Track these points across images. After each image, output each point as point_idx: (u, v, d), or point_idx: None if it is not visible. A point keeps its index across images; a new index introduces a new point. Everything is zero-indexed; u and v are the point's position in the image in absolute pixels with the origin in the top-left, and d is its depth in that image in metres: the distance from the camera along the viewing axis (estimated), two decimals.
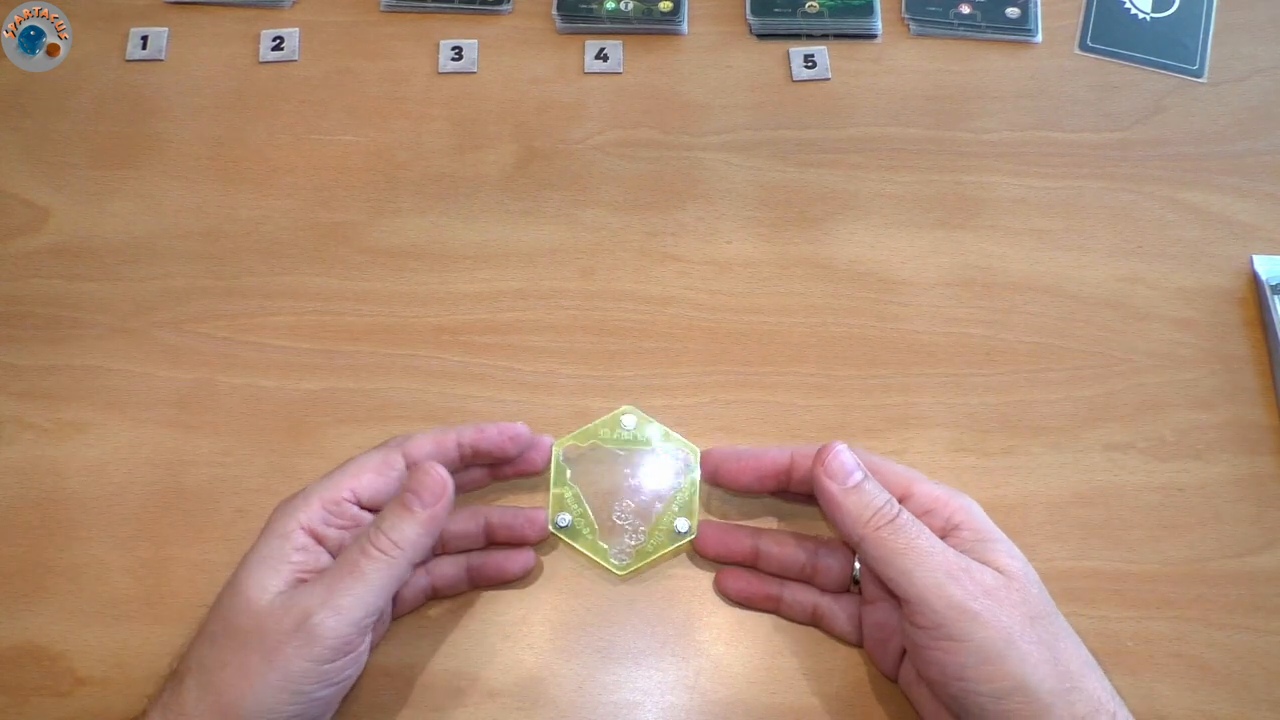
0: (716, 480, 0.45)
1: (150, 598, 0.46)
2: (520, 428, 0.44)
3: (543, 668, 0.44)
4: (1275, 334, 0.50)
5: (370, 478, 0.41)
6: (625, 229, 0.55)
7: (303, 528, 0.40)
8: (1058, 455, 0.49)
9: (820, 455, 0.41)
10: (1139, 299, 0.52)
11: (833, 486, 0.40)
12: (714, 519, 0.47)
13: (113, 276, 0.54)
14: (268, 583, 0.38)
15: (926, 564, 0.37)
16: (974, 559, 0.38)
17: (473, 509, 0.46)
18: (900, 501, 0.40)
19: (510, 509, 0.46)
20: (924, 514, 0.40)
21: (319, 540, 0.40)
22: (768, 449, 0.44)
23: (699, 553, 0.46)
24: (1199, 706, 0.44)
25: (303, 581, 0.39)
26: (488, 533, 0.45)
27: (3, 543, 0.47)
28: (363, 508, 0.41)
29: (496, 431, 0.44)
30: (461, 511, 0.45)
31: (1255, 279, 0.52)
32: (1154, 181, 0.55)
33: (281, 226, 0.55)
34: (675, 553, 0.46)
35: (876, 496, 0.39)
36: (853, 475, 0.40)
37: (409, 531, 0.39)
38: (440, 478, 0.40)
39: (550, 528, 0.45)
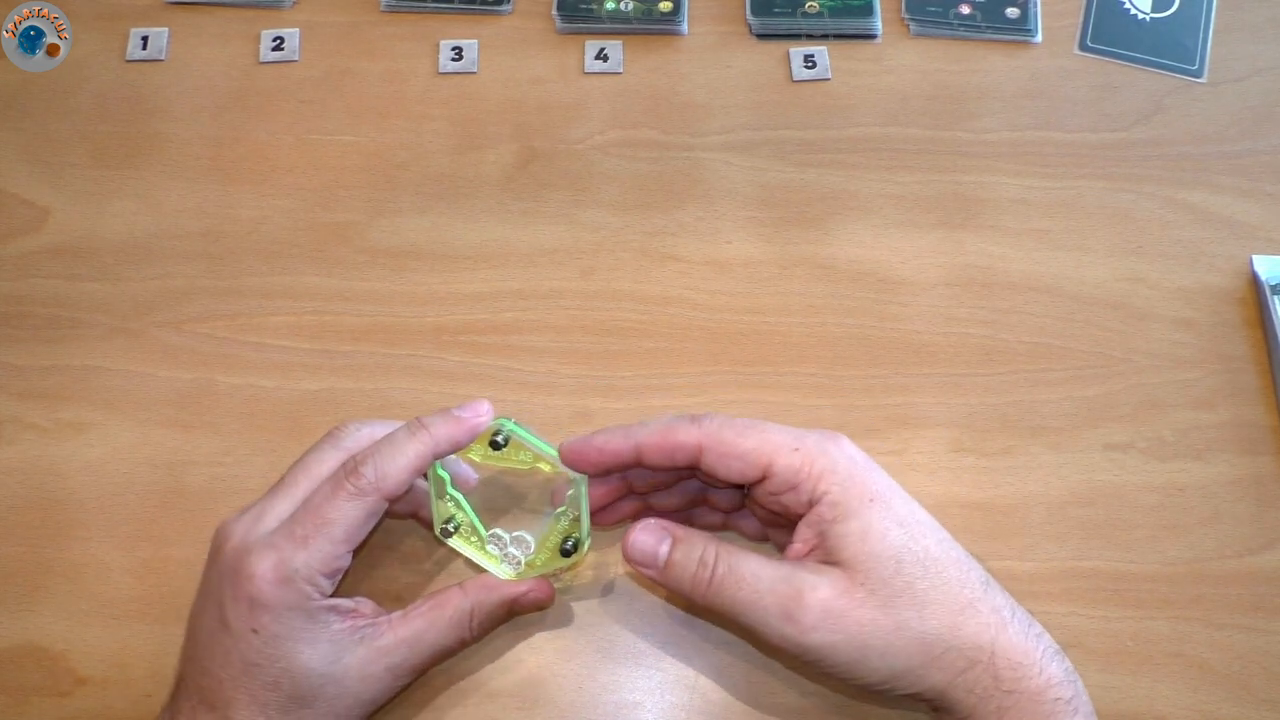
0: (575, 468, 0.42)
1: (150, 598, 0.46)
2: (478, 412, 0.42)
3: (543, 668, 0.44)
4: (1275, 334, 0.50)
5: (361, 531, 0.40)
6: (625, 229, 0.55)
7: (321, 604, 0.39)
8: (1057, 455, 0.49)
9: (623, 547, 0.40)
10: (1139, 299, 0.52)
11: (650, 572, 0.39)
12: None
13: (113, 276, 0.54)
14: (341, 656, 0.39)
15: (756, 611, 0.36)
16: (826, 545, 0.37)
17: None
18: (760, 482, 0.39)
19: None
20: (788, 491, 0.38)
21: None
22: (610, 439, 0.40)
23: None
24: (1199, 706, 0.44)
25: (355, 628, 0.39)
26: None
27: (3, 543, 0.47)
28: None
29: (467, 435, 0.41)
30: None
31: (1255, 279, 0.52)
32: (1154, 181, 0.55)
33: (281, 226, 0.55)
34: (569, 567, 0.44)
35: (687, 567, 0.38)
36: (658, 558, 0.39)
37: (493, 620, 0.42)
38: None
39: (436, 533, 0.43)
